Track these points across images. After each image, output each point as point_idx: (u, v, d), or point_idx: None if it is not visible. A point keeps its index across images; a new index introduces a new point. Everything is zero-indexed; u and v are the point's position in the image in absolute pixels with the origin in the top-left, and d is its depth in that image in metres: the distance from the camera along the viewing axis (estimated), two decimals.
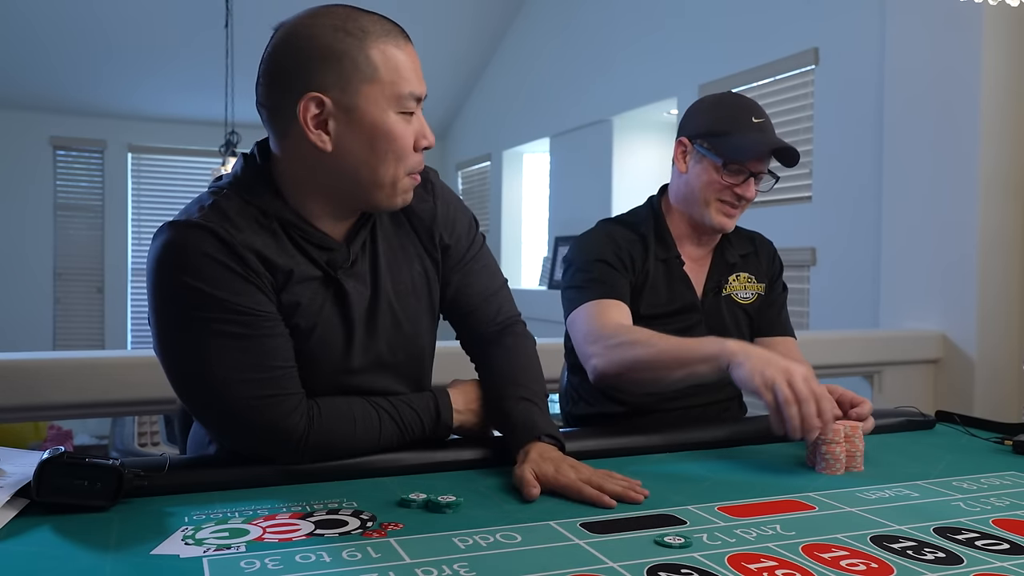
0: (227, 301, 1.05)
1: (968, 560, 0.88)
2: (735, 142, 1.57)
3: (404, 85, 1.09)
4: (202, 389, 1.09)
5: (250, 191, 1.12)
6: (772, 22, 3.96)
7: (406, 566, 0.83)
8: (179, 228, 1.07)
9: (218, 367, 1.06)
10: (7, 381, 1.87)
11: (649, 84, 4.92)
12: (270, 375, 1.08)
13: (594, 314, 1.53)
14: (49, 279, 7.08)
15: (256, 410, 1.07)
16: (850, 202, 3.50)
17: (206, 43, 5.99)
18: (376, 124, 1.08)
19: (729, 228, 1.65)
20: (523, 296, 6.11)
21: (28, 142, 6.97)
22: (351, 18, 1.09)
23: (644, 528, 0.96)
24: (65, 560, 0.83)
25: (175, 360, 1.10)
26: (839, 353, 2.83)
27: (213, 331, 1.05)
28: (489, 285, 1.33)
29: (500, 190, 6.86)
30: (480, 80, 7.33)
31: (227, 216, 1.08)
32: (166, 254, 1.06)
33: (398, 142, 1.10)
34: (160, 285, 1.07)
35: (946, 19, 2.92)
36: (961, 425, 1.59)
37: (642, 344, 1.42)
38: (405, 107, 1.09)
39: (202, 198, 1.13)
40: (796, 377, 1.21)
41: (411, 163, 1.13)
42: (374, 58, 1.07)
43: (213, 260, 1.05)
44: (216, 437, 1.18)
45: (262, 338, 1.08)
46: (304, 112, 1.06)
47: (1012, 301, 2.90)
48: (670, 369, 1.38)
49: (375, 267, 1.20)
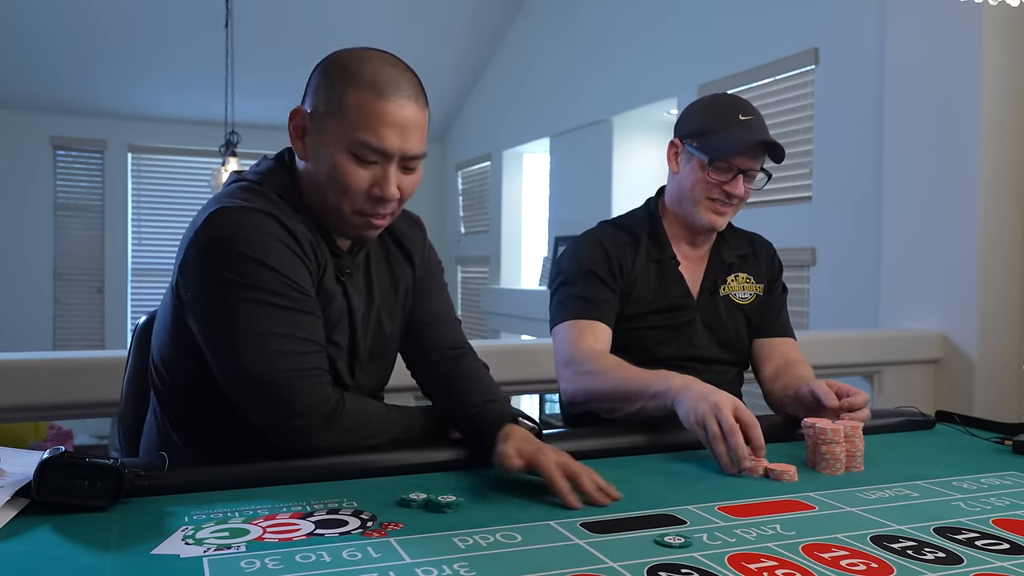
0: (284, 276, 1.12)
1: (968, 560, 0.88)
2: (720, 139, 1.58)
3: (365, 135, 1.12)
4: (246, 356, 1.11)
5: (283, 187, 1.20)
6: (772, 22, 3.96)
7: (406, 566, 0.83)
8: (240, 211, 1.13)
9: (267, 336, 1.11)
10: (7, 381, 1.87)
11: (649, 84, 4.92)
12: (311, 350, 1.14)
13: (570, 337, 1.58)
14: (49, 279, 7.09)
15: (294, 382, 1.12)
16: (850, 202, 3.51)
17: (206, 43, 5.99)
18: (331, 157, 1.15)
19: (719, 226, 1.64)
20: (523, 296, 6.14)
21: (28, 142, 6.97)
22: (364, 62, 1.14)
23: (644, 528, 0.96)
24: (65, 560, 0.83)
25: (223, 330, 1.13)
26: (839, 353, 2.82)
27: (267, 302, 1.11)
28: (445, 310, 1.40)
29: (500, 190, 6.86)
30: (480, 80, 7.34)
31: (275, 204, 1.17)
32: (227, 233, 1.12)
33: (345, 181, 1.15)
34: (220, 262, 1.11)
35: (946, 19, 2.92)
36: (961, 425, 1.59)
37: (603, 376, 1.48)
38: (360, 154, 1.13)
39: (240, 191, 1.18)
40: (723, 411, 1.24)
41: (360, 205, 1.16)
42: (348, 99, 1.13)
43: (273, 237, 1.12)
44: (247, 408, 1.15)
45: (309, 315, 1.15)
46: (291, 118, 1.18)
47: (1012, 301, 2.90)
48: (625, 402, 1.44)
49: (368, 282, 1.30)
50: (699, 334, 1.66)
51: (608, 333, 1.60)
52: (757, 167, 1.62)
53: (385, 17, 6.14)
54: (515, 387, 2.38)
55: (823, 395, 1.40)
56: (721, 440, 1.22)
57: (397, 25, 6.17)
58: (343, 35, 6.33)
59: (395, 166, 1.15)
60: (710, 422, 1.24)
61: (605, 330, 1.60)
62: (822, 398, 1.40)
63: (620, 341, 1.64)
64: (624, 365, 1.49)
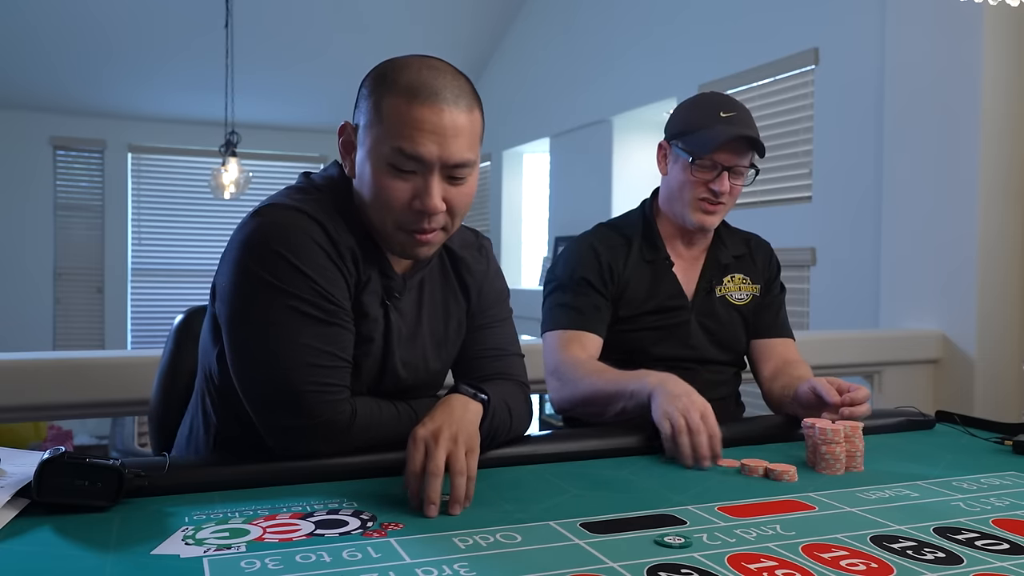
0: (319, 285, 1.09)
1: (968, 560, 0.88)
2: (701, 137, 1.59)
3: (399, 141, 1.07)
4: (267, 362, 1.09)
5: (342, 197, 1.17)
6: (772, 22, 3.96)
7: (406, 566, 0.83)
8: (286, 210, 1.10)
9: (292, 345, 1.08)
10: (7, 381, 1.87)
11: (649, 84, 4.92)
12: (335, 365, 1.11)
13: (559, 346, 1.60)
14: (49, 279, 7.08)
15: (314, 395, 1.09)
16: (850, 202, 3.50)
17: (206, 43, 5.99)
18: (371, 170, 1.10)
19: (709, 226, 1.64)
20: (523, 296, 6.13)
21: (28, 142, 6.97)
22: (402, 68, 1.10)
23: (644, 528, 0.96)
24: (65, 560, 0.83)
25: (248, 329, 1.11)
26: (839, 353, 2.82)
27: (297, 309, 1.08)
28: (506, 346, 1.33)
29: (500, 190, 6.86)
30: (480, 80, 7.33)
31: (326, 210, 1.13)
32: (269, 230, 1.09)
33: (383, 193, 1.10)
34: (256, 258, 1.09)
35: (946, 19, 2.92)
36: (961, 425, 1.59)
37: (583, 382, 1.50)
38: (398, 163, 1.08)
39: (296, 191, 1.16)
40: (692, 412, 1.27)
41: (401, 219, 1.11)
42: (384, 108, 1.08)
43: (315, 244, 1.09)
44: (257, 409, 1.13)
45: (339, 328, 1.12)
46: (339, 133, 1.15)
47: (1012, 301, 2.90)
48: (605, 404, 1.46)
49: (418, 311, 1.24)
50: (695, 335, 1.67)
51: (597, 342, 1.62)
52: (744, 163, 1.61)
53: (385, 17, 6.14)
54: None
55: (824, 392, 1.39)
56: (685, 434, 1.25)
57: (397, 25, 6.17)
58: (343, 35, 6.35)
59: (437, 176, 1.08)
60: (677, 418, 1.27)
61: (593, 340, 1.62)
62: (823, 395, 1.39)
63: (618, 343, 1.64)
64: (604, 369, 1.51)
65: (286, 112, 7.25)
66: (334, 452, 1.14)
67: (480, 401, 1.14)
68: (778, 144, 3.88)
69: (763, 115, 3.96)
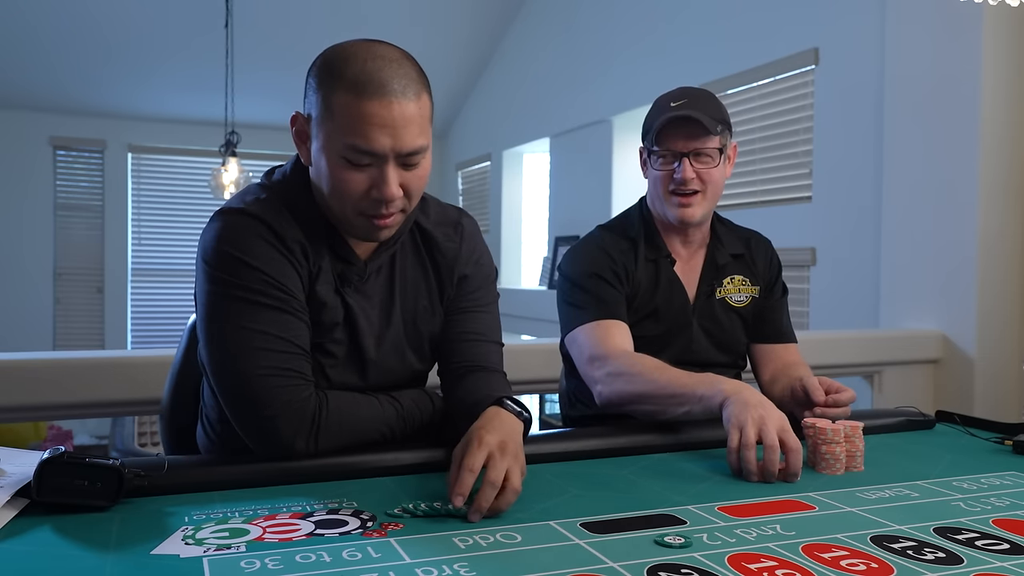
0: (268, 275, 1.13)
1: (968, 560, 0.88)
2: (654, 130, 1.60)
3: (352, 138, 1.08)
4: (227, 357, 1.13)
5: (295, 191, 1.20)
6: (772, 22, 3.96)
7: (406, 566, 0.83)
8: (234, 214, 1.16)
9: (243, 331, 1.12)
10: (7, 381, 1.87)
11: (649, 84, 4.92)
12: (288, 351, 1.13)
13: (597, 337, 1.54)
14: (49, 279, 7.08)
15: (267, 379, 1.11)
16: (850, 202, 3.50)
17: (206, 43, 5.99)
18: (327, 162, 1.12)
19: (690, 219, 1.61)
20: (523, 296, 6.14)
21: (28, 142, 6.97)
22: (347, 60, 1.10)
23: (644, 528, 0.96)
24: (65, 560, 0.83)
25: (206, 325, 1.15)
26: (839, 353, 2.82)
27: (246, 299, 1.12)
28: (486, 332, 1.33)
29: (500, 190, 6.86)
30: (480, 80, 7.33)
31: (274, 207, 1.17)
32: (219, 232, 1.15)
33: (340, 185, 1.12)
34: (211, 261, 1.15)
35: (946, 19, 2.92)
36: (961, 425, 1.59)
37: (643, 378, 1.44)
38: (352, 158, 1.10)
39: (253, 189, 1.21)
40: (768, 425, 1.22)
41: (360, 207, 1.13)
42: (333, 103, 1.10)
43: (262, 239, 1.14)
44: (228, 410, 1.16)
45: (291, 317, 1.15)
46: (292, 123, 1.18)
47: (1012, 301, 2.90)
48: (669, 405, 1.41)
49: (390, 291, 1.26)
50: (697, 339, 1.66)
51: (629, 334, 1.57)
52: (705, 145, 1.57)
53: (385, 17, 6.14)
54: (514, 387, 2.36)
55: (812, 390, 1.43)
56: (751, 450, 1.20)
57: (397, 25, 6.17)
58: (343, 35, 6.31)
59: (392, 165, 1.11)
60: (749, 430, 1.22)
61: (627, 329, 1.57)
62: (810, 392, 1.43)
63: None
64: (665, 367, 1.46)
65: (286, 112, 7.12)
66: (314, 448, 1.13)
67: (523, 420, 1.17)
68: (778, 144, 3.88)
69: (763, 115, 3.95)
